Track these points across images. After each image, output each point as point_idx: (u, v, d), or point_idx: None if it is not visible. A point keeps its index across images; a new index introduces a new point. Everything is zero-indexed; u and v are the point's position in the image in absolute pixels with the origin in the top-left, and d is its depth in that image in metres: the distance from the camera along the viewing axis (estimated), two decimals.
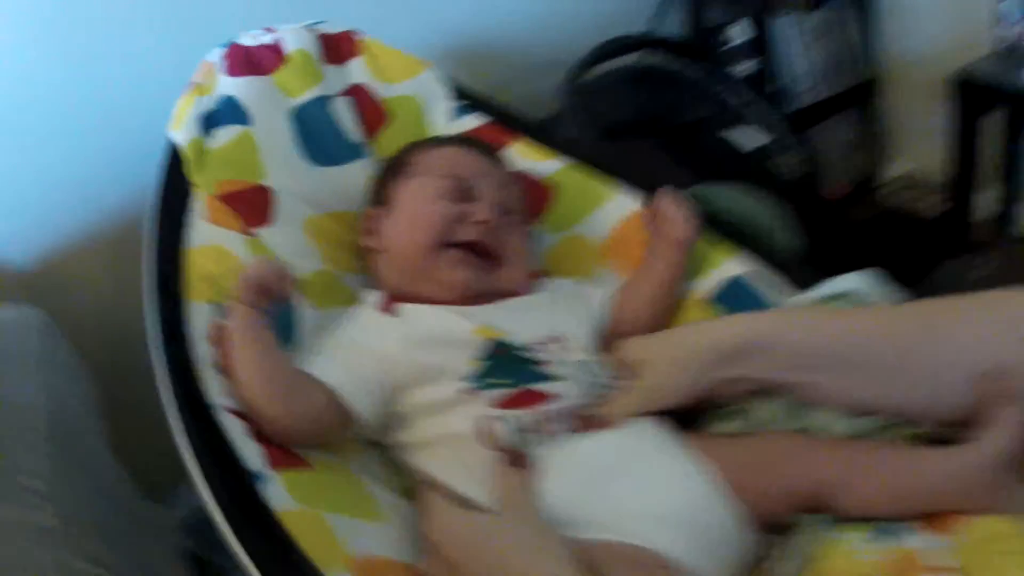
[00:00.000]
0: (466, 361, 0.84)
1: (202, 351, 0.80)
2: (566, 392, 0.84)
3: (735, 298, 0.95)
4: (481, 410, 0.81)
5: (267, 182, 1.00)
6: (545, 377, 0.84)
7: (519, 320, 0.89)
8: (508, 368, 0.84)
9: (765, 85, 1.83)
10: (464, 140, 1.06)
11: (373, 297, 0.94)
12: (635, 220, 1.04)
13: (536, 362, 0.85)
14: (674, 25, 1.86)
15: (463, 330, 0.86)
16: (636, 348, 0.86)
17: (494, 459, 0.77)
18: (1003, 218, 1.93)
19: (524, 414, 0.81)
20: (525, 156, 1.10)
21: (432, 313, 0.89)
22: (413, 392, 0.84)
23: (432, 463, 0.82)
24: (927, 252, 1.63)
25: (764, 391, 0.81)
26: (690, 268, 0.98)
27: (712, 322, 0.91)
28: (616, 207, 1.06)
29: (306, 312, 0.92)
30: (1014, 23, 1.68)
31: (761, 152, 1.58)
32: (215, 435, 0.74)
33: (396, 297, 0.93)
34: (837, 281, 0.89)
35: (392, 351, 0.85)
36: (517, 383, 0.83)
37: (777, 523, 0.76)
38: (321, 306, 0.96)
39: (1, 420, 0.86)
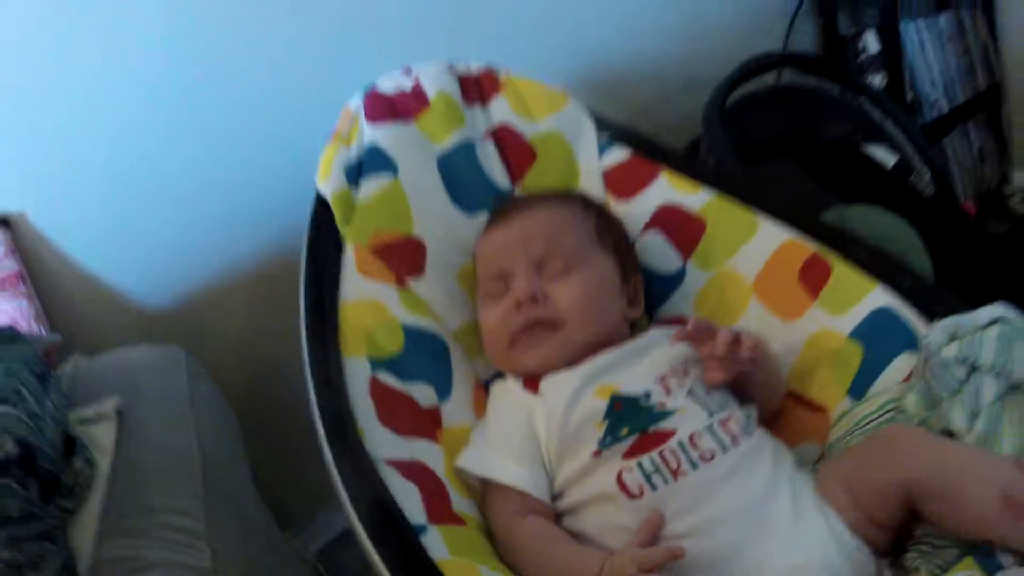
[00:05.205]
0: (595, 425, 0.82)
1: (363, 406, 0.79)
2: (685, 422, 0.81)
3: (876, 333, 0.88)
4: (614, 465, 0.79)
5: (417, 232, 0.99)
6: (662, 415, 0.82)
7: (630, 367, 0.88)
8: (629, 418, 0.82)
9: (902, 96, 1.80)
10: (501, 210, 1.02)
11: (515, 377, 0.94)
12: (784, 253, 0.98)
13: (653, 404, 0.83)
14: (808, 37, 1.85)
15: (587, 397, 0.85)
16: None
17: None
18: None
19: (646, 458, 0.79)
20: (673, 189, 1.06)
21: (564, 383, 0.87)
22: (561, 467, 0.83)
23: (581, 523, 0.81)
24: None
25: None
26: (836, 300, 0.92)
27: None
28: (766, 239, 1.00)
29: (461, 364, 0.92)
30: None
31: (901, 167, 1.54)
32: (374, 486, 0.73)
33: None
34: (978, 314, 0.81)
35: (544, 434, 0.85)
36: (637, 429, 0.81)
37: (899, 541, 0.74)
38: (474, 356, 0.95)
39: (158, 463, 0.89)
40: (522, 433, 0.85)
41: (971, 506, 0.67)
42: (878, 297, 0.89)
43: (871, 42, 1.80)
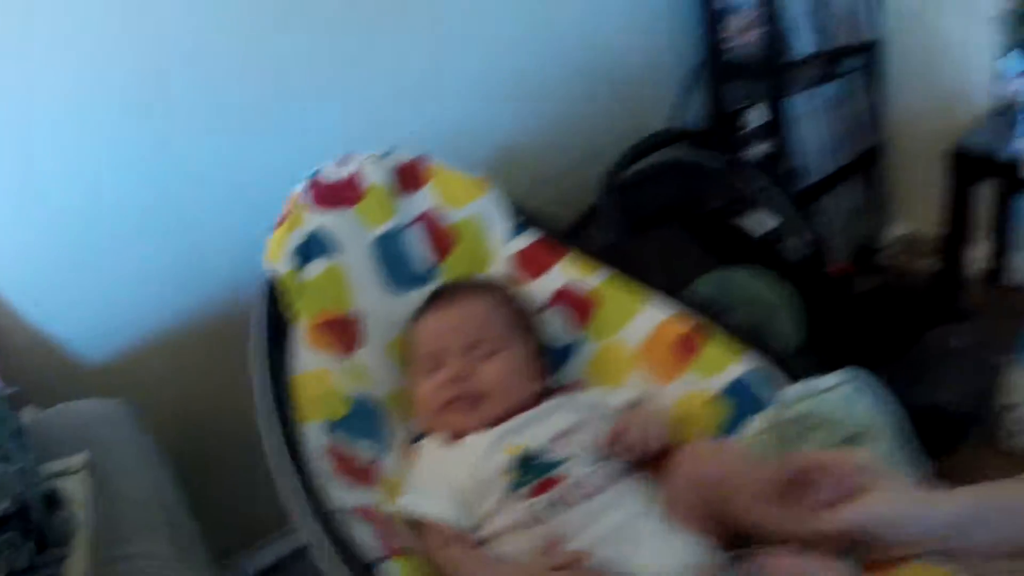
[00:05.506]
0: (503, 475, 1.02)
1: (321, 463, 0.95)
2: (575, 468, 1.02)
3: (740, 393, 1.08)
4: (519, 504, 0.99)
5: (356, 309, 1.15)
6: (557, 464, 1.02)
7: (534, 428, 1.07)
8: (533, 467, 1.02)
9: (779, 165, 1.95)
10: (436, 298, 1.19)
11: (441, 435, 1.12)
12: (663, 329, 1.17)
13: (550, 457, 1.03)
14: (696, 110, 2.01)
15: (498, 453, 1.04)
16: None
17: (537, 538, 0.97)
18: (993, 275, 2.08)
19: (545, 496, 0.99)
20: (572, 270, 1.24)
21: (481, 441, 1.06)
22: (478, 507, 1.02)
23: (498, 548, 1.00)
24: (922, 317, 1.77)
25: None
26: (705, 367, 1.12)
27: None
28: (648, 317, 1.18)
29: (395, 425, 1.09)
30: (1010, 79, 1.78)
31: (771, 235, 1.72)
32: (338, 529, 0.89)
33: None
34: (826, 378, 1.03)
35: (464, 481, 1.03)
36: (538, 476, 1.01)
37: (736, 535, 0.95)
38: (404, 418, 1.12)
39: (130, 511, 1.02)
40: (446, 480, 1.04)
41: (750, 493, 0.89)
42: (743, 364, 1.10)
43: (757, 115, 1.95)
